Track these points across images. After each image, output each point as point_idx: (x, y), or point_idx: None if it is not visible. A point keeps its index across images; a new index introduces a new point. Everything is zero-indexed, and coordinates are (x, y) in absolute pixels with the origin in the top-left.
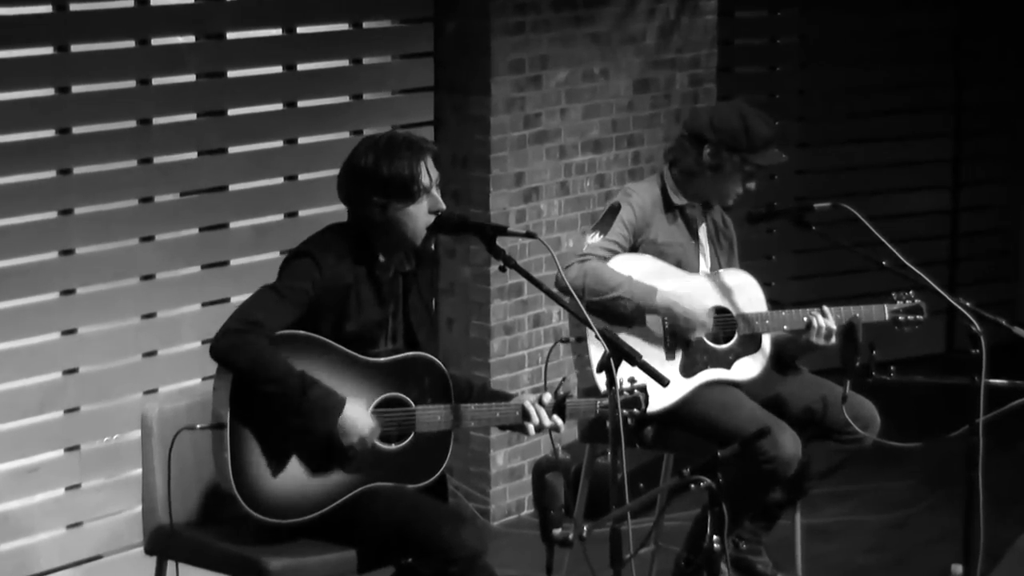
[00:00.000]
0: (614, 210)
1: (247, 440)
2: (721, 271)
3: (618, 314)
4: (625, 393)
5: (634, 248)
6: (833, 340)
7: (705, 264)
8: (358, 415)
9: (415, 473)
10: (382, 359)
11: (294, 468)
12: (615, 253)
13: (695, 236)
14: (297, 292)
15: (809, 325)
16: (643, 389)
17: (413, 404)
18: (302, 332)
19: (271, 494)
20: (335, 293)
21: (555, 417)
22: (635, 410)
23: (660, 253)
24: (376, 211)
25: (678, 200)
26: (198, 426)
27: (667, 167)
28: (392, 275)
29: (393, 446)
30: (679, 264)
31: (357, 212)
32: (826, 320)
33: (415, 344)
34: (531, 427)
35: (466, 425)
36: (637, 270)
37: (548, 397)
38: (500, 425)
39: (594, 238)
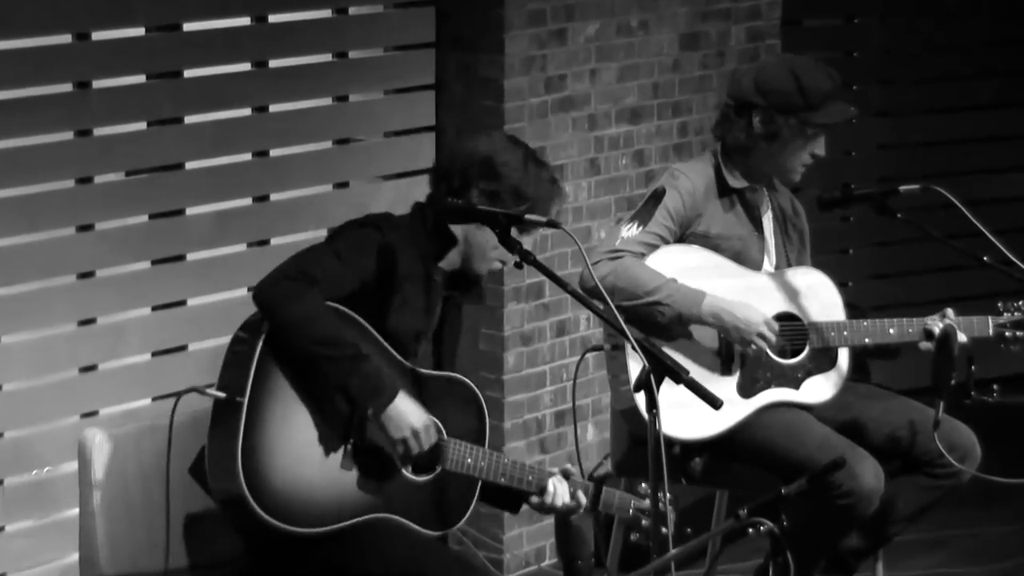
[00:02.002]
0: (657, 196)
1: (263, 421)
2: (788, 269)
3: (655, 324)
4: (632, 511)
5: (680, 241)
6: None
7: (769, 261)
8: (412, 407)
9: (433, 516)
10: (428, 372)
11: (311, 467)
12: (655, 248)
13: (758, 226)
14: (357, 265)
15: (930, 336)
16: (672, 504)
17: (445, 434)
18: (349, 312)
19: (278, 493)
20: (386, 281)
21: (579, 494)
22: (663, 528)
23: (714, 248)
24: (473, 219)
25: (736, 183)
26: (210, 390)
27: (719, 144)
28: (441, 289)
29: (419, 477)
30: (737, 261)
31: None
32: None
33: None
34: (544, 504)
35: (495, 479)
36: (685, 266)
37: (574, 471)
38: (509, 498)
39: (631, 230)
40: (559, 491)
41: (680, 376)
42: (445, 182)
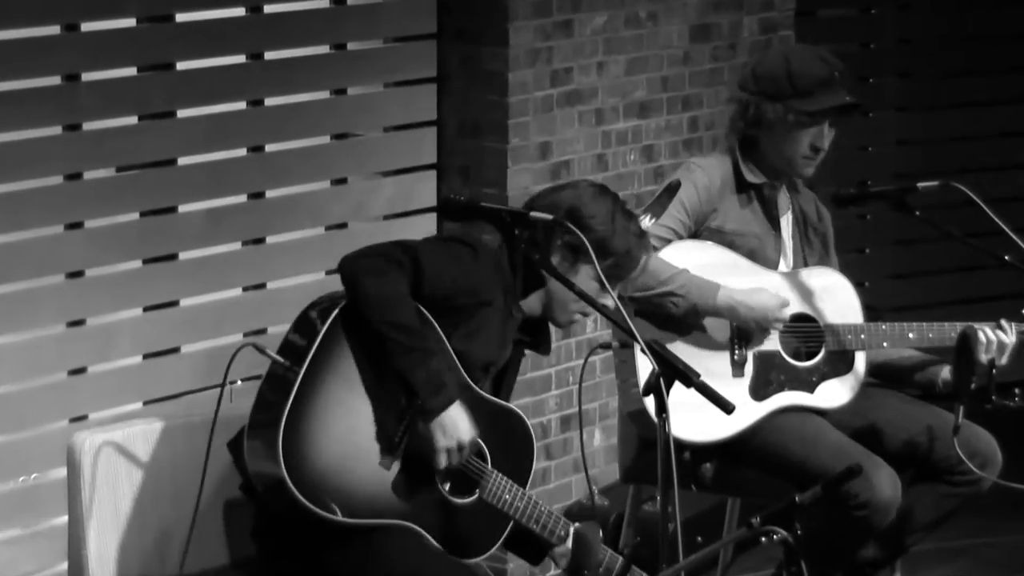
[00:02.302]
0: (672, 189)
1: (315, 397)
2: (804, 269)
3: (667, 316)
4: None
5: (694, 237)
6: (1005, 359)
7: (785, 263)
8: (465, 420)
9: (457, 541)
10: (488, 396)
11: (354, 454)
12: (668, 242)
13: (775, 225)
14: (448, 273)
15: (967, 342)
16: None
17: (489, 463)
18: (427, 314)
19: (315, 473)
20: (468, 302)
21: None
22: None
23: (729, 244)
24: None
25: (753, 177)
26: (269, 351)
27: (737, 138)
28: (516, 330)
29: (456, 499)
30: (751, 258)
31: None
32: (1001, 335)
33: None
34: (565, 557)
35: (527, 523)
36: (700, 262)
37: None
38: (534, 547)
39: (644, 222)
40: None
41: (691, 379)
42: (528, 229)
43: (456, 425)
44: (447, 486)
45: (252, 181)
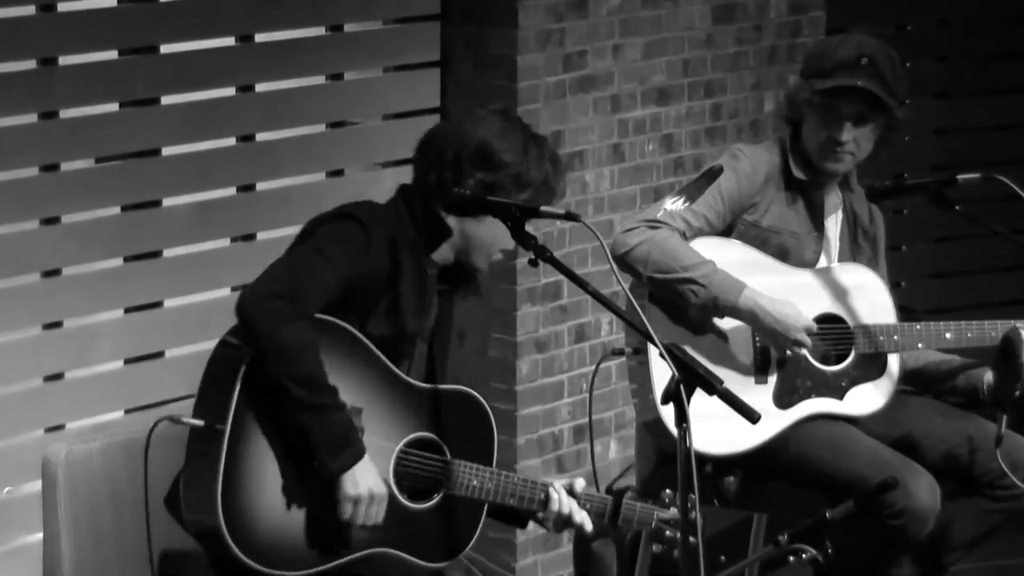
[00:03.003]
0: (712, 174)
1: (245, 451)
2: (835, 266)
3: (683, 307)
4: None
5: (728, 229)
6: None
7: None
8: (373, 476)
9: (435, 546)
10: (428, 386)
11: (296, 503)
12: (698, 232)
13: (819, 226)
14: (341, 264)
15: (1010, 344)
16: (672, 524)
17: (449, 454)
18: (337, 322)
19: (259, 530)
20: (372, 280)
21: (582, 512)
22: (690, 538)
23: (761, 240)
24: (483, 211)
25: (799, 173)
26: (186, 419)
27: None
28: (435, 284)
29: (415, 504)
30: (780, 258)
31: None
32: None
33: (434, 383)
34: (551, 516)
35: (503, 501)
36: (722, 260)
37: (580, 483)
38: (518, 512)
39: (676, 203)
40: (563, 499)
41: (713, 386)
42: (435, 172)
43: (357, 483)
44: (405, 496)
45: (242, 173)
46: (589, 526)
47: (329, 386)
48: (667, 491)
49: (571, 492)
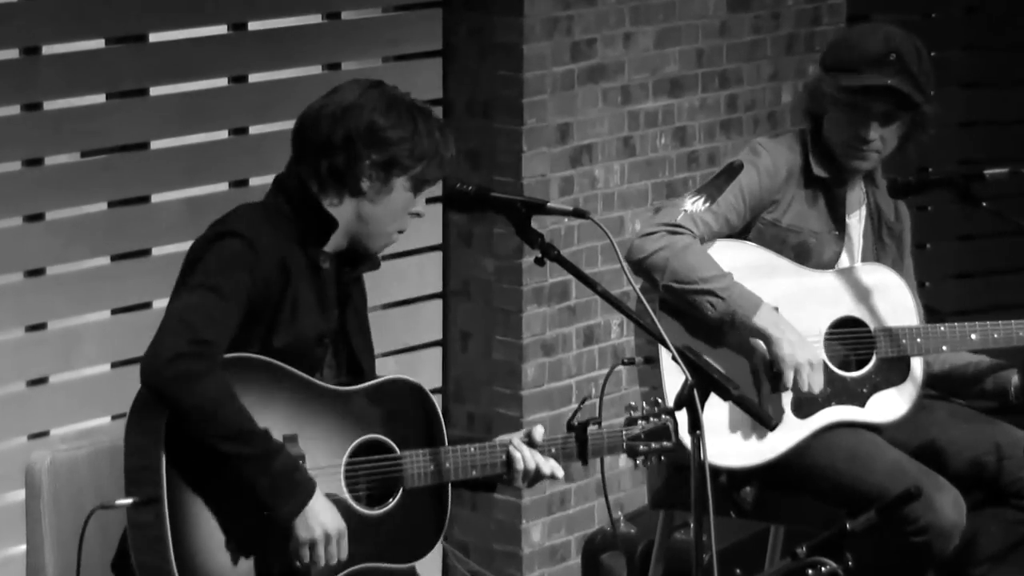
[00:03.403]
0: (732, 171)
1: (189, 518)
2: (854, 267)
3: (701, 317)
4: (645, 421)
5: (747, 228)
6: None
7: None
8: (329, 512)
9: (405, 545)
10: (354, 387)
11: (254, 558)
12: (718, 235)
13: (840, 226)
14: (237, 289)
15: None
16: (668, 412)
17: (398, 449)
18: (244, 355)
19: None
20: (269, 291)
21: (551, 461)
22: (664, 443)
23: (780, 240)
24: (350, 185)
25: (820, 171)
26: (119, 502)
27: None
28: (334, 275)
29: (377, 510)
30: (799, 258)
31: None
32: None
33: (359, 374)
34: (517, 476)
35: (465, 476)
36: (735, 264)
37: (539, 431)
38: (484, 479)
39: (696, 204)
40: (526, 454)
41: (729, 391)
42: (325, 158)
43: (317, 519)
44: (363, 504)
45: (235, 167)
46: (560, 472)
47: (259, 431)
48: (631, 403)
49: (531, 443)
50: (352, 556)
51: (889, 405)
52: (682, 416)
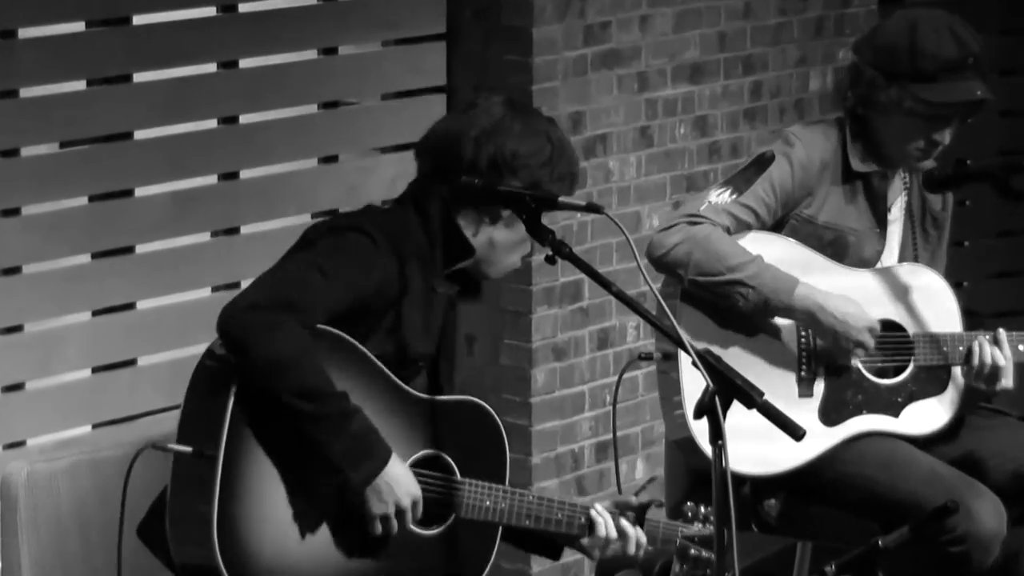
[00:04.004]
0: (763, 162)
1: (241, 479)
2: (898, 266)
3: (730, 310)
4: (703, 524)
5: (778, 225)
6: (1002, 385)
7: (892, 263)
8: (406, 476)
9: (451, 573)
10: (432, 397)
11: (299, 533)
12: (744, 229)
13: (882, 222)
14: (347, 281)
15: (968, 357)
16: (697, 541)
17: (458, 473)
18: (338, 333)
19: (260, 566)
20: (379, 299)
21: (638, 529)
22: (711, 555)
23: (816, 238)
24: (490, 211)
25: (861, 166)
26: (171, 445)
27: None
28: (444, 301)
29: (423, 530)
30: (836, 256)
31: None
32: (993, 351)
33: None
34: (596, 545)
35: (518, 522)
36: (769, 256)
37: (634, 500)
38: (546, 538)
39: (722, 195)
40: (608, 523)
41: (752, 398)
42: (468, 182)
43: (392, 488)
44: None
45: (224, 159)
46: (644, 539)
47: (336, 392)
48: (689, 503)
49: (620, 511)
50: (391, 569)
51: (926, 417)
52: (701, 425)
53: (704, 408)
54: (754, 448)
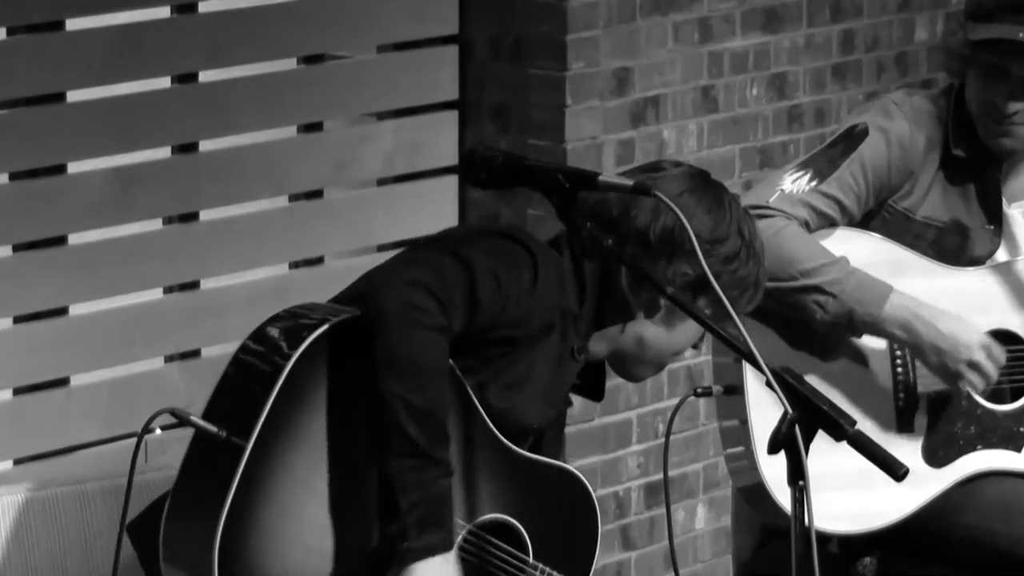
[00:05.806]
0: (853, 137)
1: (263, 484)
2: (1016, 262)
3: (805, 325)
4: None
5: (869, 216)
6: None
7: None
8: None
9: None
10: (528, 455)
11: (319, 560)
12: (827, 224)
13: (994, 217)
14: (507, 302)
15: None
16: None
17: (531, 553)
18: (456, 369)
19: None
20: (515, 334)
21: None
22: None
23: (913, 235)
24: (645, 298)
25: (958, 149)
26: (195, 418)
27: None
28: (575, 373)
29: None
30: (941, 257)
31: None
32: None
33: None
34: None
35: None
36: (851, 258)
37: None
38: None
39: (799, 181)
40: None
41: (843, 428)
42: (631, 254)
43: None
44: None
45: (179, 127)
46: None
47: (446, 436)
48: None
49: None
50: None
51: None
52: (776, 470)
53: (781, 440)
54: (846, 499)
